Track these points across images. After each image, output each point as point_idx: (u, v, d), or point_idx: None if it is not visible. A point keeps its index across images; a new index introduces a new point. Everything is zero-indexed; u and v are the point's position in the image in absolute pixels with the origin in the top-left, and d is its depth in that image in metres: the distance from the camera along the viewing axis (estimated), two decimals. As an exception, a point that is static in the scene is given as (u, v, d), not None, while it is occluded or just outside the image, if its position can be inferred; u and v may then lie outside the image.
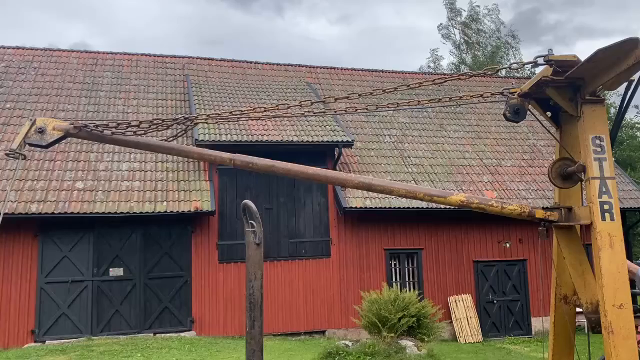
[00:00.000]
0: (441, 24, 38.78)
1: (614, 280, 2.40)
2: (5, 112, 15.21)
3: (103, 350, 11.16)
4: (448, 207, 14.74)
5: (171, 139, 4.09)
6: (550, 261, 14.77)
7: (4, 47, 17.83)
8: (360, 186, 3.20)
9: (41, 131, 3.49)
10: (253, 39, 69.40)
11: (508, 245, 16.22)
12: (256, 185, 14.43)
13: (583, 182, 2.60)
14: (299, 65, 20.01)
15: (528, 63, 2.60)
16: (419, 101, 3.38)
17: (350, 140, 14.51)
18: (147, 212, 13.06)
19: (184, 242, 13.92)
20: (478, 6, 37.63)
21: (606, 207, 2.50)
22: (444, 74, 28.70)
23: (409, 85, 3.71)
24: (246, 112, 3.71)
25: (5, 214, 12.16)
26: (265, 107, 3.78)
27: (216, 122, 14.87)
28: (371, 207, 14.25)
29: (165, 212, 13.20)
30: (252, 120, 15.77)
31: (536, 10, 60.14)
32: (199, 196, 13.72)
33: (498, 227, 15.96)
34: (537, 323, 15.89)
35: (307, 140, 14.26)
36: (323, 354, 10.09)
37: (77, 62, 17.72)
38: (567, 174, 2.68)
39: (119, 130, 3.62)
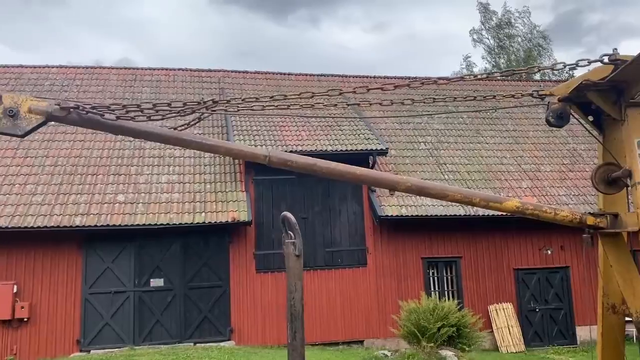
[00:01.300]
0: (473, 28, 38.31)
1: (665, 288, 2.32)
2: (50, 129, 15.75)
3: (145, 360, 11.38)
4: (486, 214, 14.51)
5: (182, 127, 3.31)
6: (595, 268, 14.25)
7: (48, 66, 18.55)
8: (412, 189, 3.06)
9: (12, 114, 2.65)
10: (288, 51, 70.08)
11: (549, 252, 15.82)
12: (291, 195, 14.52)
13: (629, 188, 2.53)
14: (332, 75, 20.12)
15: (594, 61, 2.55)
16: (454, 98, 3.33)
17: (384, 148, 14.47)
18: (186, 223, 13.29)
19: (221, 252, 14.10)
20: (510, 10, 37.05)
21: (654, 213, 2.42)
22: (475, 75, 28.38)
23: (435, 81, 3.62)
24: (273, 97, 3.41)
25: (50, 227, 12.61)
26: (285, 96, 3.46)
27: (251, 134, 15.12)
28: (407, 216, 14.15)
29: (204, 222, 13.41)
30: (286, 130, 15.82)
31: (577, 11, 58.72)
32: (235, 207, 13.89)
33: (538, 234, 15.58)
34: (583, 332, 15.39)
35: (342, 150, 14.29)
36: (362, 364, 10.03)
37: (117, 79, 18.28)
38: (612, 179, 2.61)
39: (127, 116, 2.90)
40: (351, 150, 14.27)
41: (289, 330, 1.86)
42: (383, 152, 14.52)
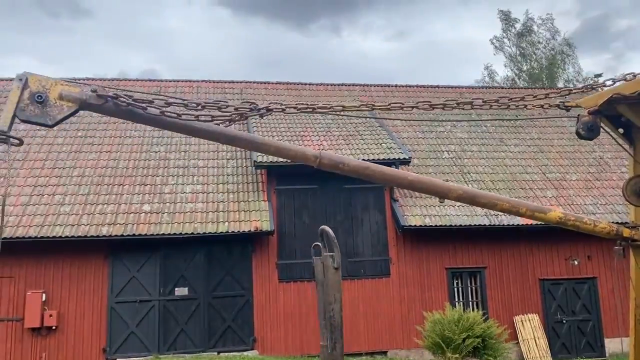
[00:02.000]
0: (495, 36, 38.06)
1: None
2: (77, 140, 16.11)
3: (170, 369, 11.50)
4: (511, 223, 14.37)
5: (225, 125, 3.14)
6: (624, 279, 14.02)
7: (75, 79, 18.96)
8: (463, 198, 3.04)
9: (41, 100, 2.37)
10: (310, 60, 70.55)
11: (576, 262, 15.55)
12: (313, 205, 14.56)
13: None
14: (353, 85, 20.19)
15: (639, 74, 2.54)
16: (479, 105, 3.31)
17: (407, 157, 14.43)
18: (210, 233, 13.42)
19: (245, 261, 14.19)
20: (532, 17, 36.72)
21: (688, 226, 2.39)
22: (500, 88, 28.15)
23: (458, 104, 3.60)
24: (310, 106, 3.37)
25: (78, 236, 12.85)
26: (328, 105, 3.42)
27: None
28: (431, 225, 14.07)
29: (227, 232, 13.52)
30: (308, 140, 15.85)
31: (604, 17, 57.96)
32: (258, 216, 13.98)
33: (564, 244, 15.34)
34: (612, 344, 15.07)
35: (365, 159, 14.27)
36: (386, 375, 9.97)
37: (141, 91, 18.56)
38: (644, 192, 2.59)
39: (172, 113, 2.78)
40: (374, 159, 14.24)
41: (329, 340, 1.89)
42: (406, 162, 14.47)
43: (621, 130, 2.83)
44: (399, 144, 15.54)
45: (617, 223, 2.80)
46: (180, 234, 13.34)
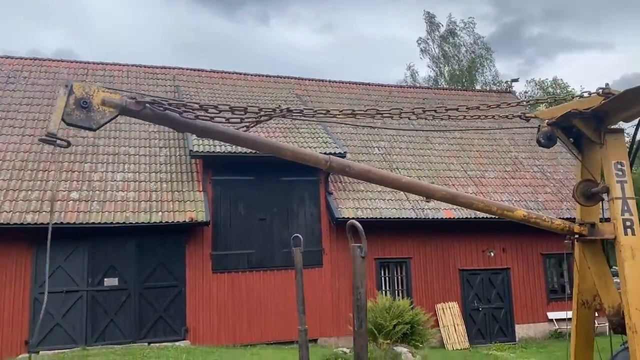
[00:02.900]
0: (420, 38, 39.59)
1: (636, 286, 2.78)
2: (-4, 122, 15.17)
3: (100, 360, 11.23)
4: (435, 217, 15.25)
5: (243, 129, 3.34)
6: (532, 270, 15.38)
7: (-8, 56, 17.77)
8: (446, 197, 3.43)
9: (85, 106, 2.52)
10: (237, 48, 69.70)
11: (492, 254, 16.76)
12: (250, 196, 14.67)
13: (607, 202, 2.99)
14: (288, 77, 20.38)
15: (594, 93, 2.97)
16: (449, 115, 3.70)
17: (342, 152, 14.88)
18: (142, 223, 13.17)
19: (178, 252, 14.06)
20: (455, 21, 38.54)
21: (628, 223, 2.88)
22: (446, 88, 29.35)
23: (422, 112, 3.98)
24: (320, 110, 3.55)
25: (3, 224, 12.20)
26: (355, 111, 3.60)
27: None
28: (363, 218, 14.61)
29: (161, 222, 13.34)
30: (243, 130, 16.03)
31: (519, 23, 61.77)
32: (193, 207, 13.89)
33: (482, 237, 16.49)
34: (521, 330, 16.43)
35: (301, 152, 14.57)
36: (322, 361, 10.35)
37: (67, 72, 17.76)
38: (591, 194, 3.07)
39: (207, 115, 2.98)
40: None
41: (356, 319, 2.16)
42: (341, 156, 14.88)
43: (572, 140, 3.29)
44: (334, 138, 15.97)
45: (576, 222, 3.28)
46: (112, 223, 13.00)
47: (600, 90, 2.86)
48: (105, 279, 13.38)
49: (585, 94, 2.92)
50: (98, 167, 14.49)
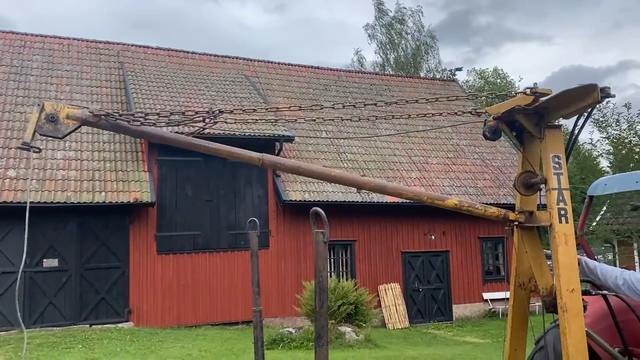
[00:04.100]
0: (368, 24, 39.88)
1: (568, 269, 3.07)
2: None
3: (40, 343, 10.93)
4: (380, 201, 15.65)
5: (197, 133, 3.58)
6: (470, 253, 16.11)
7: None
8: (376, 189, 3.60)
9: (53, 120, 3.03)
10: (184, 23, 67.78)
11: (433, 237, 17.39)
12: (197, 177, 14.53)
13: (544, 191, 3.25)
14: (237, 58, 20.13)
15: (521, 92, 3.18)
16: (409, 115, 3.86)
17: (291, 135, 14.95)
18: (85, 203, 12.83)
19: (121, 232, 13.80)
20: (405, 8, 39.05)
21: (562, 212, 3.15)
22: (395, 75, 29.70)
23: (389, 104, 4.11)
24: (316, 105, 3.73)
25: None
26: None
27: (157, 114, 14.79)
28: (310, 201, 14.80)
29: (104, 202, 13.03)
30: (190, 110, 15.76)
31: (467, 12, 63.15)
32: (138, 187, 13.64)
33: (424, 221, 17.07)
34: (458, 310, 17.21)
35: (250, 134, 14.54)
36: (268, 341, 10.53)
37: (2, 43, 16.83)
38: (530, 184, 3.32)
39: (148, 122, 3.27)
40: (259, 135, 14.58)
41: (317, 300, 2.29)
42: (290, 139, 15.00)
43: (514, 133, 3.54)
44: (282, 121, 15.97)
45: (515, 210, 3.51)
46: (52, 203, 12.58)
47: (529, 90, 3.10)
48: (45, 260, 12.99)
49: (528, 91, 3.14)
50: (37, 144, 13.84)
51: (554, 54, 75.41)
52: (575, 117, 3.26)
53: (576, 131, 3.37)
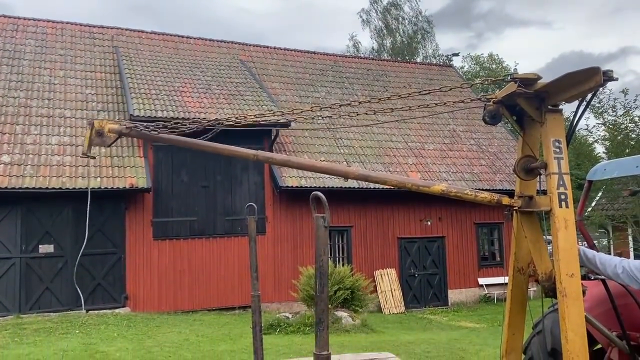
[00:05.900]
0: (363, 9, 39.61)
1: (567, 254, 3.05)
2: None
3: (36, 328, 10.97)
4: (377, 187, 15.63)
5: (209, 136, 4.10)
6: (465, 238, 16.13)
7: None
8: (360, 177, 3.62)
9: (100, 134, 3.74)
10: (181, 7, 67.03)
11: (429, 223, 17.43)
12: (192, 163, 14.47)
13: (544, 176, 3.23)
14: (232, 43, 19.96)
15: (500, 80, 3.17)
16: (409, 107, 3.83)
17: (288, 121, 14.87)
18: (80, 188, 12.76)
19: (117, 218, 13.76)
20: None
21: (562, 197, 3.12)
22: (379, 59, 29.54)
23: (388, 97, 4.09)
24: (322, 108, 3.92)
25: None
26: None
27: (150, 98, 14.67)
28: (306, 187, 14.78)
29: (99, 188, 12.97)
30: (187, 96, 15.54)
31: (470, -3, 62.71)
32: (133, 172, 13.57)
33: (420, 206, 17.09)
34: (453, 295, 17.31)
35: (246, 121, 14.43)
36: (265, 326, 10.56)
37: (-6, 27, 16.62)
38: (530, 169, 3.29)
39: (165, 130, 3.81)
40: (256, 121, 14.45)
41: (318, 285, 2.27)
42: (286, 125, 14.91)
43: (515, 118, 3.50)
44: (279, 107, 15.91)
45: (515, 195, 3.48)
46: (47, 188, 12.52)
47: (509, 77, 3.10)
48: (40, 246, 12.95)
49: (530, 75, 3.10)
50: (31, 129, 13.81)
51: (554, 40, 75.16)
52: (576, 103, 3.23)
53: (578, 114, 3.33)
